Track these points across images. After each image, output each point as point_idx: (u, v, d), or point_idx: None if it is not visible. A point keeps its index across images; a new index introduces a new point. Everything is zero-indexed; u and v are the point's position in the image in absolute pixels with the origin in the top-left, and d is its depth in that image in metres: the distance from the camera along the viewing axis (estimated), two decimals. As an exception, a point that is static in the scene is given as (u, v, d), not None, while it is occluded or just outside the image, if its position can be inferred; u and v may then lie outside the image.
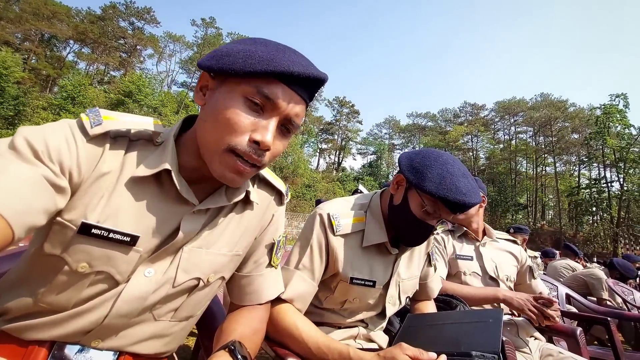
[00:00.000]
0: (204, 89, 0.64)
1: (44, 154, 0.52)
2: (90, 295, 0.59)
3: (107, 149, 0.60)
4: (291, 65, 0.58)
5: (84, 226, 0.55)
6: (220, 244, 0.70)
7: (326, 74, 0.63)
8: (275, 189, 0.82)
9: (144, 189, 0.62)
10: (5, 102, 23.46)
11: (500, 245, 1.77)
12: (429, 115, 55.15)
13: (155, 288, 0.63)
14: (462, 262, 1.65)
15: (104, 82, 39.30)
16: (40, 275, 0.58)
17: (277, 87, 0.58)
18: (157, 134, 0.65)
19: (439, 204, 0.94)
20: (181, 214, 0.65)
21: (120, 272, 0.59)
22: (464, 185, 0.92)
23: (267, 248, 0.82)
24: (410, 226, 1.00)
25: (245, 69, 0.56)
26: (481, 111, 51.04)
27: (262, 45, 0.60)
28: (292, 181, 35.66)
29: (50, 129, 0.55)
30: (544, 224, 40.05)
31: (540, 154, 44.08)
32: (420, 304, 1.28)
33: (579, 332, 1.43)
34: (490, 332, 0.86)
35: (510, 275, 1.67)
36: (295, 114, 0.62)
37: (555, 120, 42.11)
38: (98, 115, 0.60)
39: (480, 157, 50.38)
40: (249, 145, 0.59)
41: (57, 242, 0.56)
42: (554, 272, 4.35)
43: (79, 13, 38.07)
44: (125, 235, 0.58)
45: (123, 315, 0.61)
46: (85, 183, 0.57)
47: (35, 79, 33.32)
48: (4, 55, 24.25)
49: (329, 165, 52.89)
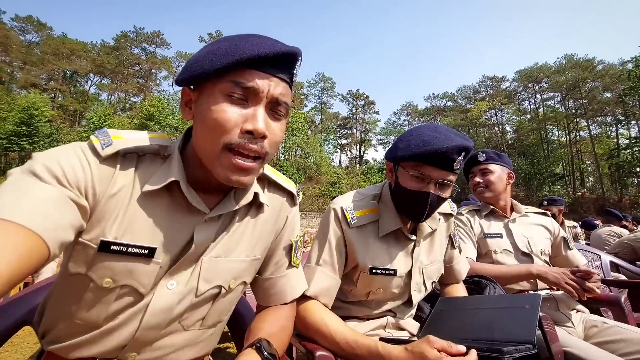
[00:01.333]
0: (189, 104, 0.64)
1: (63, 178, 0.54)
2: (117, 310, 0.61)
3: (118, 168, 0.61)
4: (257, 48, 0.57)
5: (103, 244, 0.58)
6: (238, 251, 0.72)
7: (297, 48, 0.62)
8: (286, 190, 0.83)
9: (156, 202, 0.63)
10: (40, 140, 25.17)
11: (530, 219, 1.71)
12: (447, 95, 53.60)
13: (179, 299, 0.64)
14: (491, 241, 1.61)
15: (127, 109, 41.18)
16: (71, 294, 0.61)
17: (251, 74, 0.58)
18: (164, 148, 0.67)
19: (420, 165, 0.94)
20: (194, 224, 0.65)
21: (142, 284, 0.61)
22: (429, 136, 0.92)
23: (286, 250, 0.84)
24: (408, 201, 0.99)
25: (214, 66, 0.57)
26: (502, 83, 48.94)
27: (225, 41, 0.60)
28: (317, 180, 35.81)
29: (64, 153, 0.57)
30: (585, 192, 37.90)
31: (571, 118, 41.61)
32: (449, 288, 1.27)
33: (623, 300, 1.36)
34: (525, 320, 0.81)
35: (544, 249, 1.60)
36: (279, 94, 0.61)
37: (584, 81, 39.56)
38: (107, 135, 0.62)
39: (508, 131, 48.34)
40: (241, 136, 0.59)
41: (80, 261, 0.59)
42: (598, 241, 4.11)
43: (95, 47, 40.17)
44: (142, 248, 0.60)
45: (152, 327, 0.63)
46: (100, 202, 0.59)
47: (64, 115, 35.50)
48: (33, 97, 26.01)
49: (351, 160, 52.77)
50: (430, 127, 0.99)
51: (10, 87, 34.11)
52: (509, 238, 1.62)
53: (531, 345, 0.73)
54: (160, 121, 31.06)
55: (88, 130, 28.59)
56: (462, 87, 52.71)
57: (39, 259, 0.47)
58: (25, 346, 2.59)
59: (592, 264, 2.34)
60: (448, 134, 0.95)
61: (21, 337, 2.61)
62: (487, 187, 1.67)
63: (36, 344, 2.48)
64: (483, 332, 0.85)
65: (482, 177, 1.70)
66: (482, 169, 1.70)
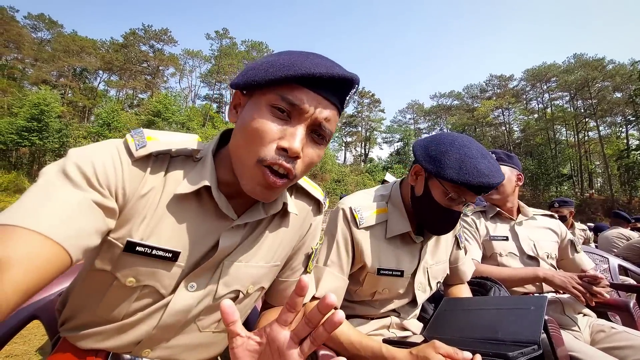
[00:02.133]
0: (237, 107, 0.64)
1: (94, 178, 0.54)
2: (138, 308, 0.63)
3: (149, 170, 0.62)
4: (313, 67, 0.55)
5: (129, 244, 0.58)
6: (258, 257, 0.71)
7: (355, 75, 0.59)
8: (313, 198, 0.82)
9: (185, 206, 0.63)
10: (51, 136, 25.45)
11: (537, 222, 1.69)
12: (454, 93, 53.12)
13: (197, 301, 0.65)
14: (496, 243, 1.59)
15: (134, 106, 41.47)
16: (94, 288, 0.63)
17: (301, 92, 0.57)
18: (197, 151, 0.66)
19: (463, 189, 0.92)
20: (220, 229, 0.65)
21: (164, 286, 0.62)
22: (484, 166, 0.90)
23: (305, 256, 0.83)
24: (436, 215, 0.98)
25: (266, 77, 0.56)
26: (509, 82, 48.32)
27: (286, 54, 0.59)
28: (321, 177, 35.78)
29: (98, 153, 0.57)
30: (593, 193, 37.36)
31: (580, 118, 41.00)
32: (454, 288, 1.26)
33: (632, 305, 1.34)
34: (530, 320, 0.80)
35: (550, 252, 1.59)
36: (324, 118, 0.59)
37: (594, 80, 38.89)
38: (142, 136, 0.62)
39: (514, 130, 47.82)
40: (276, 152, 0.57)
41: (106, 258, 0.60)
42: (606, 243, 4.06)
43: (104, 44, 40.48)
44: (167, 252, 0.60)
45: (169, 326, 0.64)
46: (130, 202, 0.59)
47: (74, 111, 35.88)
48: (44, 94, 26.28)
49: (355, 158, 52.59)
50: (480, 154, 0.94)
51: (22, 84, 34.59)
52: (514, 241, 1.60)
53: (536, 346, 0.72)
54: (167, 117, 31.18)
55: (97, 127, 28.83)
56: (469, 86, 52.18)
57: (59, 266, 0.47)
58: (34, 338, 2.64)
59: (600, 267, 2.31)
60: (496, 167, 0.95)
61: (29, 329, 2.66)
62: (496, 189, 1.63)
63: (43, 336, 2.53)
64: (487, 332, 0.84)
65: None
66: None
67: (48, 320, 0.84)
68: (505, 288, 1.27)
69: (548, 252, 1.58)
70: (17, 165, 25.62)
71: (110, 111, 29.67)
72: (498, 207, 1.68)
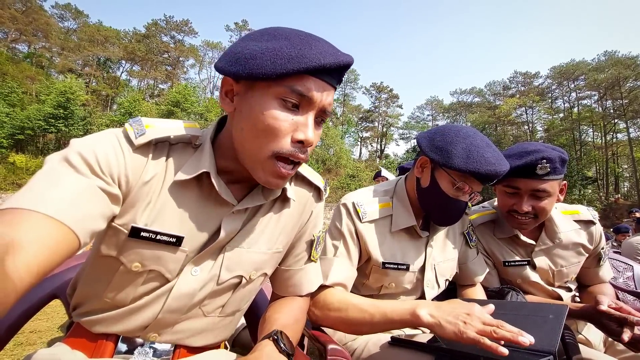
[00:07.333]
0: (230, 94, 0.63)
1: (96, 167, 0.55)
2: (144, 292, 0.64)
3: (150, 156, 0.63)
4: (322, 57, 0.56)
5: (133, 230, 0.60)
6: (260, 243, 0.73)
7: (351, 56, 0.61)
8: (313, 185, 0.82)
9: (186, 192, 0.65)
10: (75, 123, 26.39)
11: (562, 242, 1.29)
12: (475, 90, 51.66)
13: (201, 286, 0.67)
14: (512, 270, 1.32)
15: (155, 96, 42.42)
16: (101, 274, 0.64)
17: (308, 81, 0.57)
18: (196, 137, 0.67)
19: (470, 178, 0.95)
20: (221, 215, 0.67)
21: (169, 270, 0.64)
22: (491, 155, 0.93)
23: (307, 244, 0.84)
24: (443, 206, 1.00)
25: (276, 70, 0.55)
26: (535, 79, 46.67)
27: (284, 39, 0.58)
28: (336, 172, 35.78)
29: (99, 142, 0.58)
30: (619, 198, 35.88)
31: (608, 119, 39.27)
32: (467, 290, 1.22)
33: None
34: (547, 330, 0.77)
35: (570, 277, 1.34)
36: (328, 103, 0.62)
37: (625, 79, 36.98)
38: (141, 124, 0.63)
39: (538, 130, 46.20)
40: (292, 145, 0.59)
41: (111, 244, 0.61)
42: (629, 249, 3.90)
43: (127, 34, 41.44)
44: (171, 237, 0.62)
45: (174, 310, 0.66)
46: (133, 189, 0.61)
47: (97, 99, 37.01)
48: (70, 82, 27.22)
49: (371, 154, 52.29)
50: (485, 143, 0.96)
51: (49, 72, 35.88)
52: (531, 269, 1.31)
53: (552, 357, 0.70)
54: (186, 108, 31.78)
55: (119, 115, 29.66)
56: (492, 83, 50.58)
57: (68, 249, 0.48)
58: (56, 316, 2.77)
59: (623, 275, 2.22)
60: (500, 156, 0.96)
61: (52, 307, 2.79)
62: (536, 217, 1.17)
63: (64, 315, 2.65)
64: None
65: (534, 202, 1.14)
66: (537, 189, 1.12)
67: (67, 300, 0.87)
68: (522, 294, 1.17)
69: (568, 280, 1.34)
70: (44, 151, 26.66)
71: (132, 100, 30.50)
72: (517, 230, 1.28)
